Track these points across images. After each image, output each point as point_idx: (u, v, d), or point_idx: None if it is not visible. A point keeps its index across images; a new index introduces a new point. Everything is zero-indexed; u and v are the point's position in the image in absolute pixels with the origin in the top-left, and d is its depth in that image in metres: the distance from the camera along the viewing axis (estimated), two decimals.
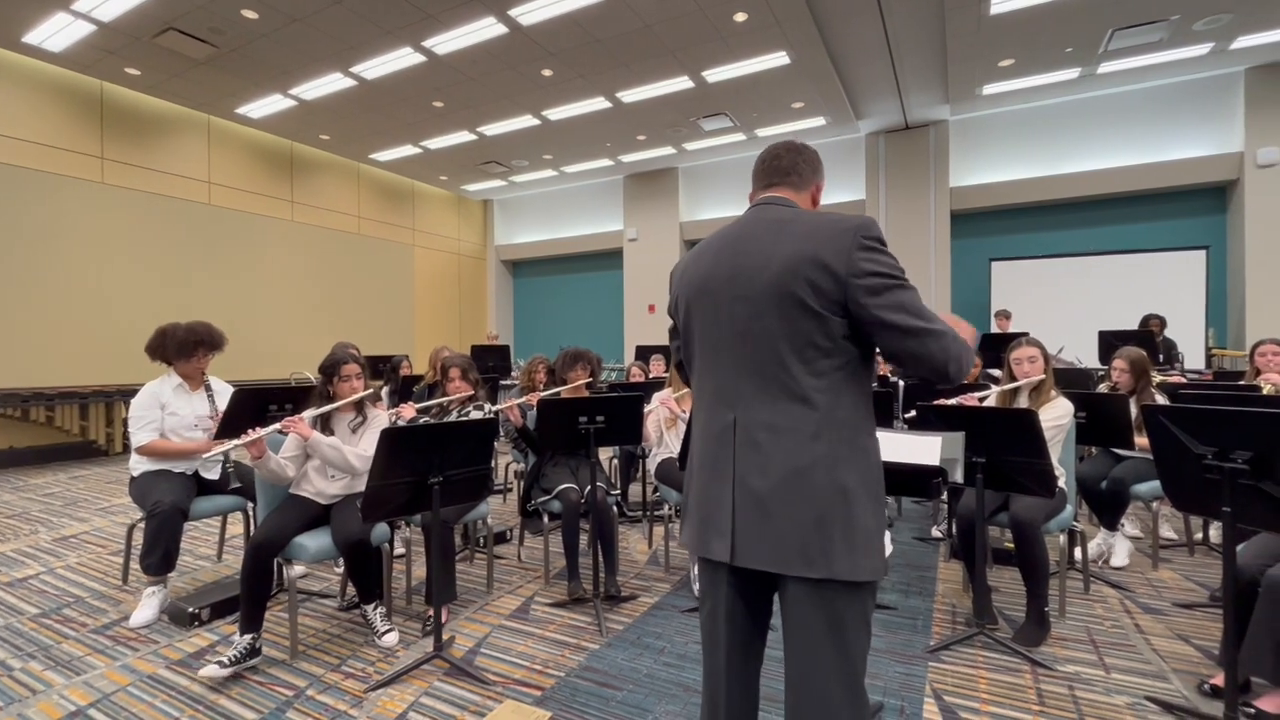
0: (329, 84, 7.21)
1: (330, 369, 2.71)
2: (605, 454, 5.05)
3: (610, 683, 2.22)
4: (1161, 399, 3.35)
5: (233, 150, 8.58)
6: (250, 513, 3.20)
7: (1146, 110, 7.76)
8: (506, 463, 4.88)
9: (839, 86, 7.44)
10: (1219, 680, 2.04)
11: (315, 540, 2.46)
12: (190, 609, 2.70)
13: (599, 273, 12.14)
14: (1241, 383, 3.89)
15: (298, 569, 3.19)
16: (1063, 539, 2.85)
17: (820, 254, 1.13)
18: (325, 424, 2.71)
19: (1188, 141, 7.60)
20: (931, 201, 8.82)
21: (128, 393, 6.34)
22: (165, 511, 2.73)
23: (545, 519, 3.11)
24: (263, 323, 8.87)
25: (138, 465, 2.97)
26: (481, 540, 3.61)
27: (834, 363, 1.16)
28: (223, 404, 3.02)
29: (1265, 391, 3.35)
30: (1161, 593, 3.00)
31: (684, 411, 3.39)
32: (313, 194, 9.67)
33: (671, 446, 3.36)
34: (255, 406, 2.95)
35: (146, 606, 2.74)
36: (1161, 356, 5.88)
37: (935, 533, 3.86)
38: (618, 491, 3.26)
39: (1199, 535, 3.68)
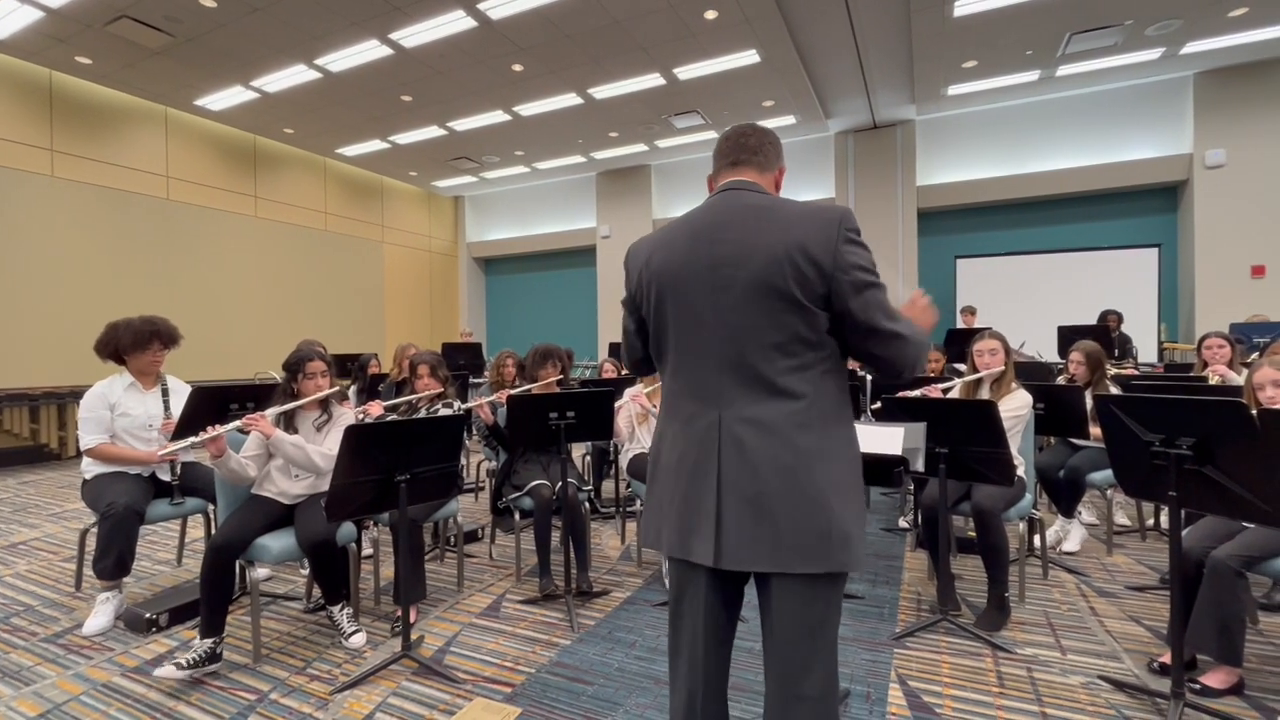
0: (292, 76, 7.04)
1: (294, 366, 2.66)
2: (578, 450, 5.05)
3: (581, 677, 2.22)
4: (1115, 390, 3.47)
5: (192, 143, 8.32)
6: (211, 515, 3.11)
7: (1103, 112, 8.02)
8: (478, 461, 4.83)
9: (808, 85, 7.53)
10: (1167, 658, 2.13)
11: (278, 541, 2.40)
12: (148, 614, 2.62)
13: (572, 270, 12.09)
14: (1190, 374, 4.05)
15: (261, 571, 3.12)
16: (1022, 526, 2.93)
17: (807, 245, 1.11)
18: (289, 422, 2.65)
19: (1141, 143, 7.88)
20: (899, 200, 8.99)
21: (81, 394, 6.09)
22: (119, 514, 2.64)
23: (516, 516, 3.09)
24: (227, 322, 8.64)
25: (90, 468, 2.87)
26: (452, 539, 3.57)
27: (818, 355, 1.15)
28: (179, 404, 2.92)
29: (1211, 382, 3.50)
30: (1115, 576, 3.11)
31: (654, 407, 3.40)
32: (277, 189, 9.43)
33: (644, 442, 3.37)
34: (215, 405, 2.87)
35: (100, 613, 2.65)
36: (1117, 350, 6.09)
37: (902, 523, 3.94)
38: (589, 487, 3.25)
39: (1150, 521, 3.83)
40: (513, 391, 3.32)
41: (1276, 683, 2.13)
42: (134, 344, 2.89)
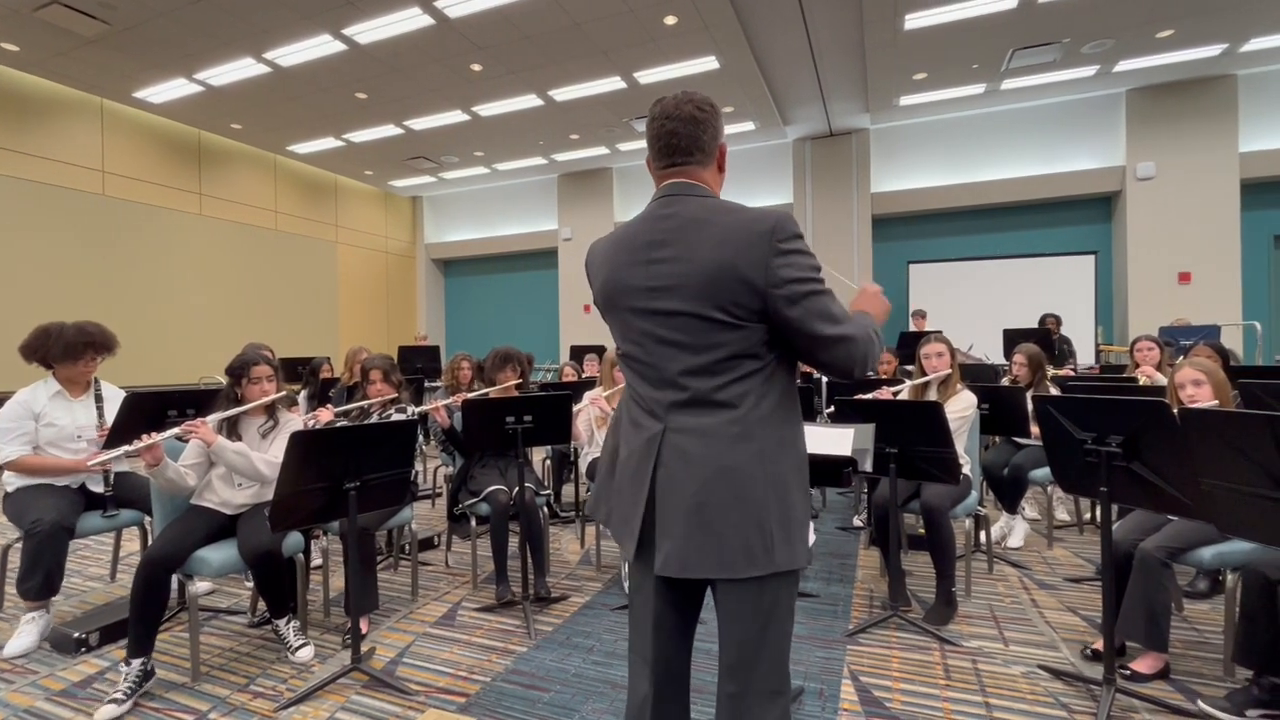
0: (240, 69, 6.80)
1: (238, 370, 2.55)
2: (538, 454, 5.00)
3: (537, 684, 2.20)
4: (1055, 391, 3.63)
5: (130, 137, 7.94)
6: (148, 527, 2.96)
7: (1044, 125, 8.40)
8: (435, 466, 4.74)
9: (766, 93, 7.66)
10: (1100, 645, 2.23)
11: (219, 553, 2.30)
12: (76, 634, 2.47)
13: (533, 272, 12.00)
14: (1123, 375, 4.26)
15: (201, 585, 2.99)
16: (969, 523, 3.03)
17: (738, 265, 1.10)
18: (232, 429, 2.54)
19: (1078, 155, 8.29)
20: (854, 206, 9.22)
21: (6, 400, 5.74)
22: (45, 531, 2.48)
23: (473, 522, 3.04)
24: (169, 324, 8.26)
25: (12, 480, 2.69)
26: (406, 547, 3.49)
27: (758, 364, 1.16)
28: (113, 411, 2.77)
29: (1141, 383, 3.69)
30: (1055, 569, 3.25)
31: (614, 409, 3.40)
32: (224, 186, 9.08)
33: (602, 445, 3.36)
34: (151, 412, 2.74)
35: (24, 634, 2.49)
36: (1057, 352, 6.37)
37: (857, 522, 4.04)
38: (548, 491, 3.22)
39: (1087, 516, 4.01)
40: (470, 395, 3.28)
41: (1199, 666, 2.25)
42: (65, 354, 2.74)
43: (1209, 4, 5.87)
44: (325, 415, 3.01)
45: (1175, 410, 1.78)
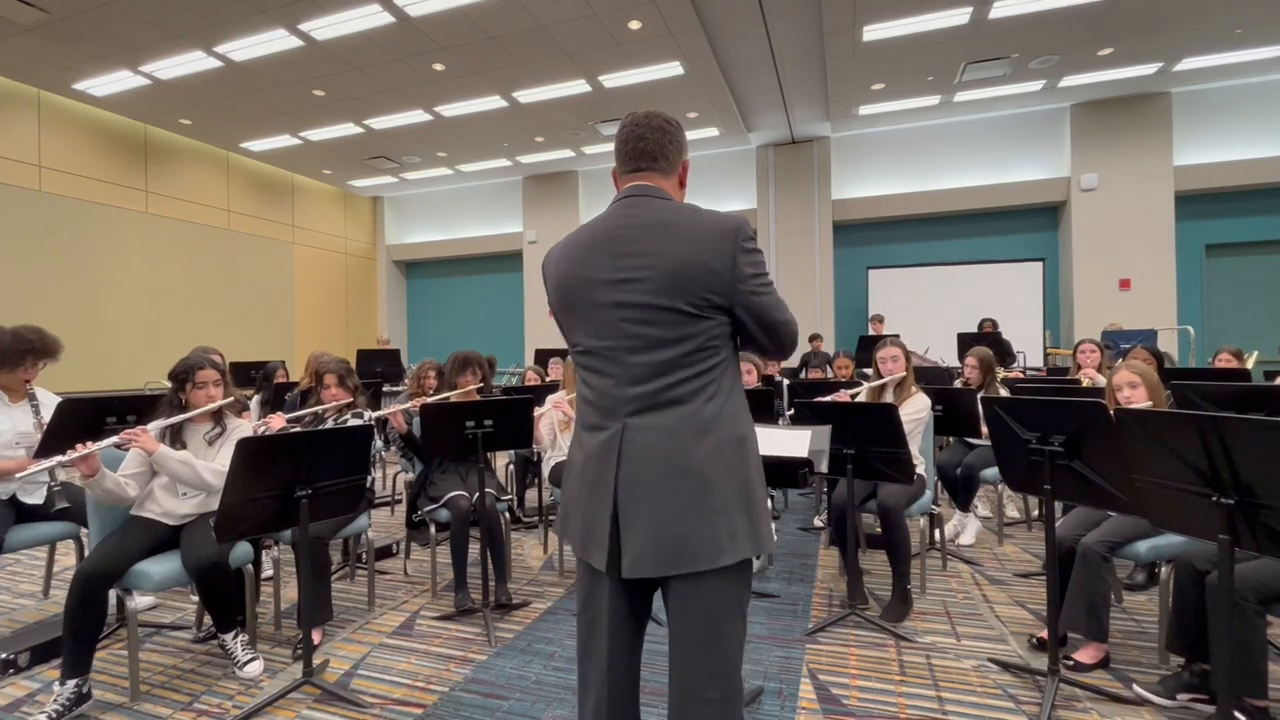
0: (189, 63, 6.55)
1: (182, 376, 2.45)
2: (502, 459, 4.94)
3: (497, 693, 2.16)
4: (1005, 393, 3.76)
5: (70, 131, 7.58)
6: (84, 540, 2.82)
7: (995, 137, 8.72)
8: (395, 473, 4.64)
9: (730, 99, 7.76)
10: (1044, 635, 2.32)
11: (161, 566, 2.20)
12: (5, 655, 2.33)
13: (498, 275, 11.87)
14: (1067, 377, 4.45)
15: (143, 600, 2.86)
16: (924, 522, 3.12)
17: (708, 259, 1.14)
18: (176, 437, 2.44)
19: (1027, 166, 8.63)
20: (816, 212, 9.40)
21: None
22: None
23: (432, 529, 2.99)
24: (113, 327, 7.90)
25: None
26: (363, 556, 3.40)
27: (716, 359, 1.19)
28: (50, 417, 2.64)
29: (1084, 384, 3.85)
30: (1005, 565, 3.36)
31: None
32: (173, 184, 8.74)
33: (565, 449, 3.34)
34: (87, 419, 2.61)
35: None
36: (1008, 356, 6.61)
37: (817, 522, 4.10)
38: (509, 497, 3.19)
39: (1036, 513, 4.17)
40: (428, 400, 3.22)
41: (1138, 655, 2.36)
42: (3, 361, 2.60)
43: (1145, 25, 6.19)
44: (277, 422, 2.91)
45: (1112, 411, 1.86)
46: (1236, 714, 1.71)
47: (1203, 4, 5.83)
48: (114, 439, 2.18)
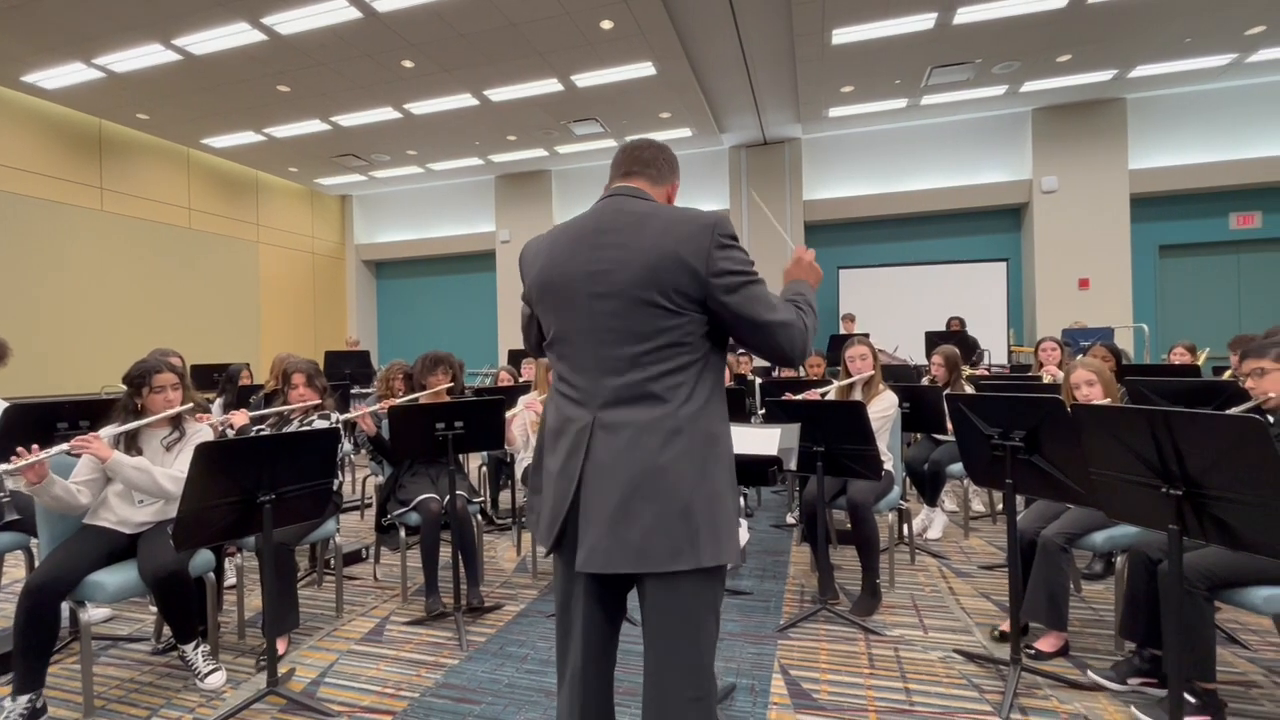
0: (146, 56, 6.33)
1: (138, 379, 2.37)
2: (475, 461, 4.89)
3: (468, 697, 2.14)
4: (970, 390, 3.85)
5: (17, 125, 7.26)
6: (34, 550, 2.71)
7: (960, 140, 8.92)
8: (364, 476, 4.56)
9: (702, 100, 7.80)
10: (1006, 626, 2.38)
11: (116, 576, 2.13)
12: None
13: (470, 275, 11.74)
14: (1029, 374, 4.57)
15: (98, 612, 2.76)
16: (892, 517, 3.17)
17: (681, 252, 1.14)
18: (132, 442, 2.36)
19: (991, 169, 8.85)
20: (788, 213, 9.50)
21: None
22: None
23: (402, 533, 2.94)
24: (66, 329, 7.60)
25: None
26: (330, 561, 3.33)
27: (693, 357, 1.18)
28: None
29: (1045, 381, 3.97)
30: (970, 558, 3.45)
31: None
32: (130, 181, 8.44)
33: None
34: (35, 424, 2.51)
35: None
36: (975, 354, 6.77)
37: (789, 519, 4.15)
38: (481, 499, 3.15)
39: (1000, 506, 4.27)
40: (397, 401, 3.17)
41: (1095, 642, 2.44)
42: None
43: (1101, 33, 6.39)
44: (240, 419, 2.84)
45: (1069, 407, 1.92)
46: (1186, 696, 1.77)
47: (1154, 14, 6.05)
48: (64, 445, 2.10)
